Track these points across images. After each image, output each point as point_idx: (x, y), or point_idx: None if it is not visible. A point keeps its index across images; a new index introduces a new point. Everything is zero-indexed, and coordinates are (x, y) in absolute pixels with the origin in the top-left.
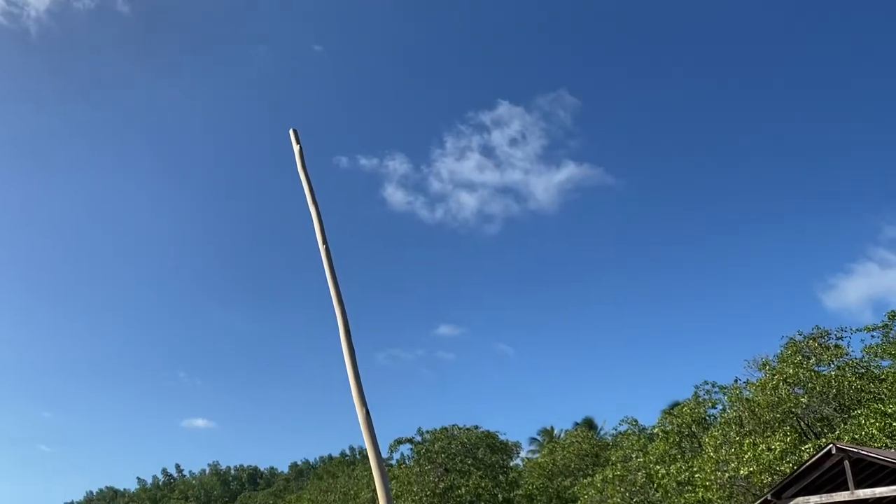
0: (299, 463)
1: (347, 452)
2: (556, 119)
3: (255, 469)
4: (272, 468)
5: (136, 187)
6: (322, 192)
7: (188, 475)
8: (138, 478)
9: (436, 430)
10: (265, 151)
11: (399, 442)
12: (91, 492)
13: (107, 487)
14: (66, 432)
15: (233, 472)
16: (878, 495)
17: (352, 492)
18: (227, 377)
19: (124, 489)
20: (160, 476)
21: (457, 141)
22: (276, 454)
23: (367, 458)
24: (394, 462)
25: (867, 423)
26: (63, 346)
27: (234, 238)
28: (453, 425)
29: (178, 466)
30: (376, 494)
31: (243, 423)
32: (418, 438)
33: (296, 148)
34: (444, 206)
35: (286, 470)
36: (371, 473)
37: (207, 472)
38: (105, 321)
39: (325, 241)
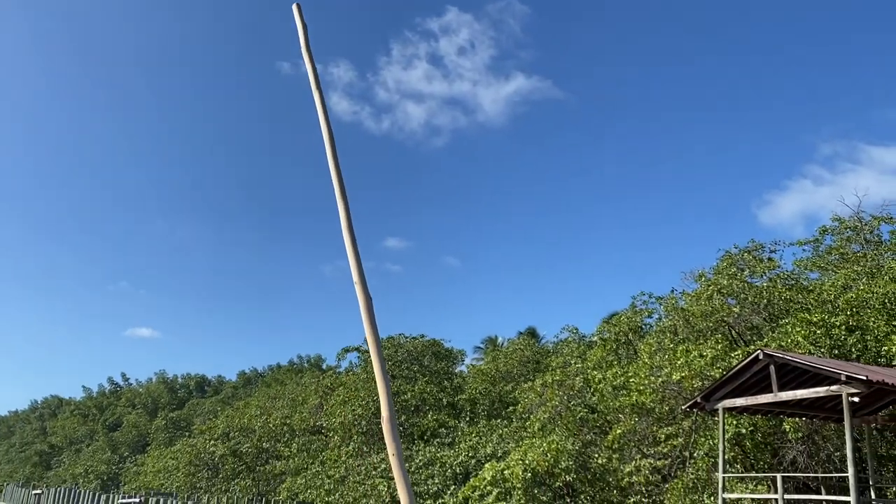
0: (247, 371)
1: (296, 361)
2: (505, 28)
3: (203, 377)
4: (220, 377)
5: (76, 96)
6: (262, 99)
7: (134, 383)
8: (84, 386)
9: (383, 338)
10: (208, 56)
11: (346, 350)
12: (36, 401)
13: (52, 396)
14: (7, 342)
15: (180, 380)
16: (798, 397)
17: (300, 398)
18: (172, 287)
19: (70, 397)
20: (106, 384)
21: (403, 49)
22: (223, 363)
23: (315, 367)
24: (342, 370)
25: (793, 331)
26: (3, 256)
27: (175, 147)
28: (400, 334)
29: (123, 375)
30: (324, 400)
31: (189, 332)
32: (365, 346)
33: (299, 25)
34: (391, 116)
35: (234, 378)
36: (318, 382)
37: (154, 380)
38: (45, 231)
39: (329, 129)
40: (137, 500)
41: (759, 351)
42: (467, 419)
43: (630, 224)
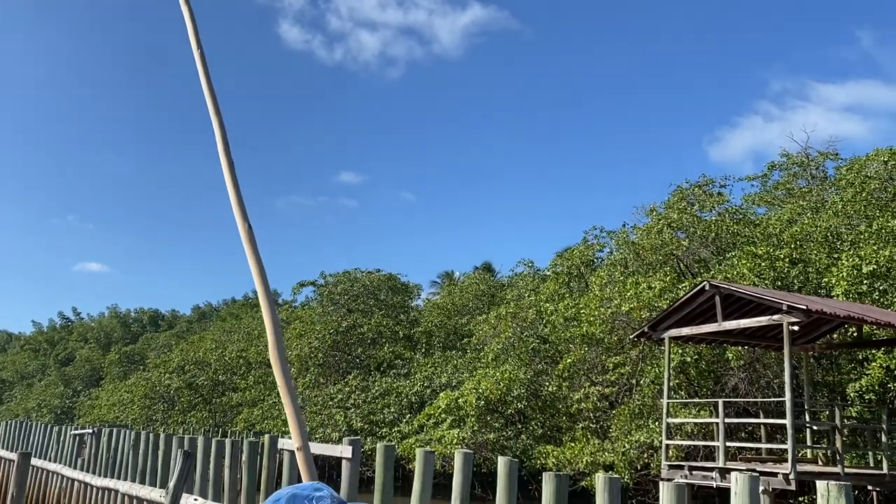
0: (202, 306)
1: (251, 295)
2: None
3: (157, 312)
4: (174, 311)
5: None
6: (210, 24)
7: (86, 318)
8: (33, 321)
9: (339, 273)
10: None
11: (302, 285)
12: None
13: (1, 331)
14: None
15: (133, 314)
16: (741, 326)
17: (256, 332)
18: (122, 222)
19: (19, 332)
20: (56, 319)
21: None
22: (177, 298)
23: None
24: (297, 304)
25: (739, 263)
26: None
27: (122, 72)
28: (356, 269)
29: (74, 310)
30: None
31: (141, 267)
32: (321, 281)
33: None
34: (344, 46)
35: (189, 313)
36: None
37: (107, 314)
38: None
39: (199, 47)
40: (91, 431)
41: (705, 282)
42: (423, 351)
43: (586, 159)
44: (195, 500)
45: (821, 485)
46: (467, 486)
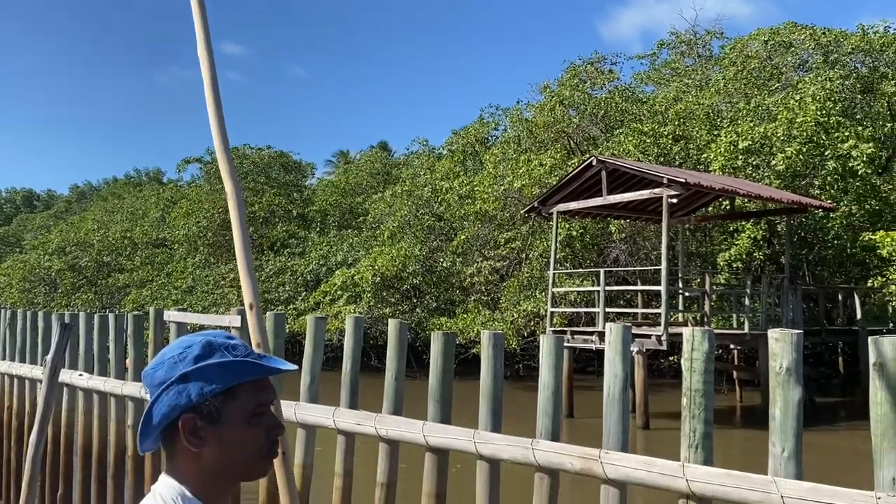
0: (81, 185)
1: (133, 174)
2: None
3: (31, 192)
4: (50, 191)
5: None
6: None
7: None
8: None
9: None
10: None
11: (187, 161)
12: None
13: None
14: None
15: (4, 194)
16: (625, 199)
17: (140, 212)
18: None
19: None
20: None
21: None
22: (53, 177)
23: (154, 181)
24: (183, 183)
25: (626, 140)
26: None
27: None
28: (245, 145)
29: None
30: (166, 213)
31: (9, 145)
32: (207, 158)
33: None
34: None
35: (66, 192)
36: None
37: None
38: None
39: None
40: None
41: (592, 158)
42: (318, 230)
43: (483, 38)
44: (80, 375)
45: (686, 330)
46: (358, 349)
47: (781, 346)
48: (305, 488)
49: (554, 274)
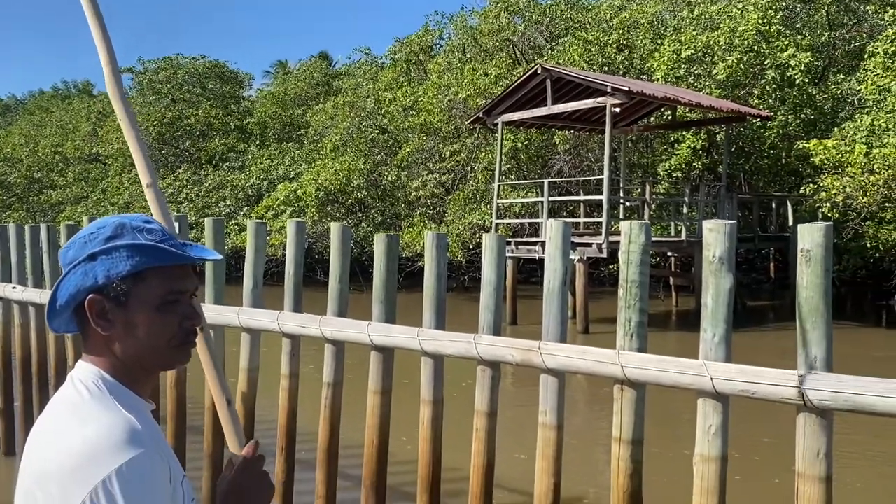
0: (4, 98)
1: (60, 86)
2: None
3: None
4: None
5: None
6: None
7: None
8: None
9: (158, 59)
10: None
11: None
12: None
13: None
14: None
15: None
16: (570, 109)
17: (70, 126)
18: None
19: None
20: None
21: None
22: None
23: (84, 93)
24: None
25: (571, 49)
26: None
27: None
28: (178, 55)
29: None
30: (98, 127)
31: None
32: (139, 68)
33: None
34: None
35: None
36: (89, 107)
37: None
38: None
39: None
40: None
41: (537, 66)
42: (257, 143)
43: None
44: (13, 287)
45: (624, 224)
46: (300, 253)
47: (715, 235)
48: (252, 391)
49: (499, 186)
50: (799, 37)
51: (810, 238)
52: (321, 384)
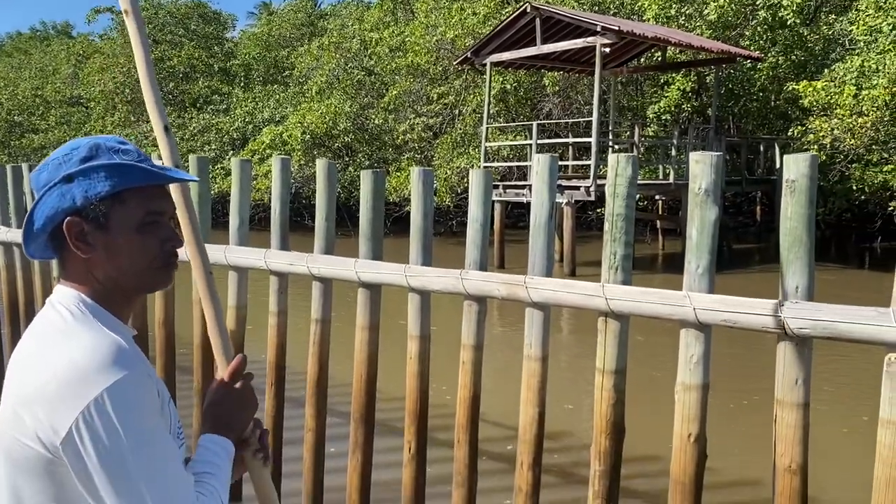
0: None
1: (38, 27)
2: None
3: None
4: None
5: None
6: None
7: None
8: None
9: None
10: None
11: (97, 11)
12: None
13: None
14: None
15: None
16: (559, 49)
17: (50, 68)
18: None
19: None
20: None
21: None
22: None
23: (64, 34)
24: (95, 36)
25: None
26: None
27: None
28: None
29: None
30: (78, 69)
31: None
32: (119, 7)
33: None
34: None
35: None
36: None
37: None
38: None
39: None
40: None
41: (526, 4)
42: (242, 86)
43: None
44: None
45: (611, 157)
46: (286, 191)
47: (702, 167)
48: (240, 328)
49: (487, 129)
50: None
51: (795, 168)
52: (308, 329)
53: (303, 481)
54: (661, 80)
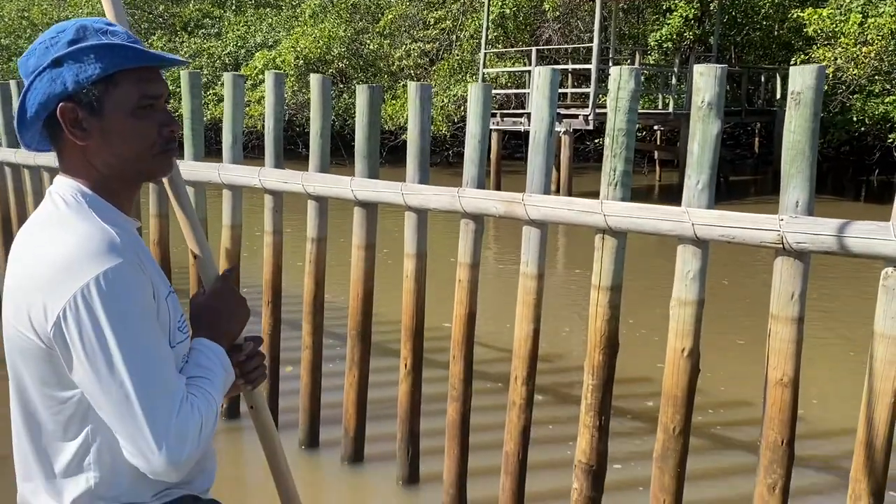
0: None
1: None
2: None
3: None
4: None
5: None
6: None
7: None
8: None
9: None
10: None
11: None
12: None
13: None
14: None
15: None
16: None
17: None
18: None
19: None
20: None
21: None
22: None
23: None
24: None
25: None
26: None
27: None
28: None
29: None
30: None
31: None
32: None
33: None
34: None
35: None
36: None
37: None
38: None
39: None
40: None
41: None
42: (234, 9)
43: None
44: None
45: (613, 70)
46: (280, 106)
47: (706, 79)
48: (235, 248)
49: (485, 55)
50: None
51: (801, 80)
52: (304, 254)
53: (300, 397)
54: (664, 6)
